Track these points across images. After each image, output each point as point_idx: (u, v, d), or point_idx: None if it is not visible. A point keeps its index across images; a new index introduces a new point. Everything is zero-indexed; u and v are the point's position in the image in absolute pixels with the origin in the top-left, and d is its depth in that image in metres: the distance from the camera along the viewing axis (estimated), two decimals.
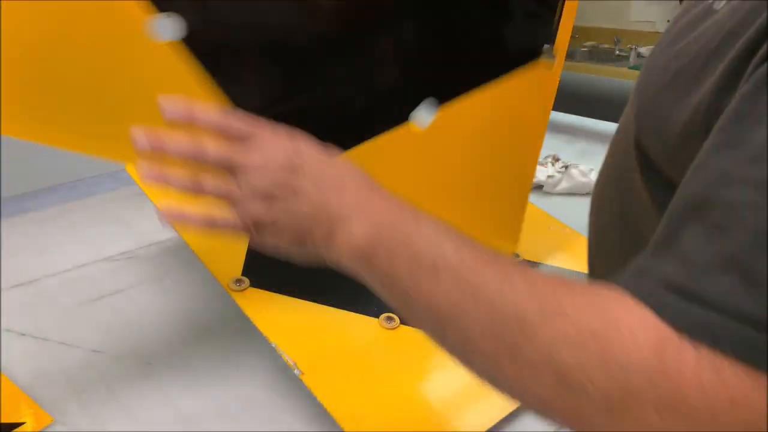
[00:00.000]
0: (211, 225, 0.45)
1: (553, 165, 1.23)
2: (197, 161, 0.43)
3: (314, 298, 0.76)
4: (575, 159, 1.30)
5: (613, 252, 0.46)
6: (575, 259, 0.88)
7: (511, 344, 0.30)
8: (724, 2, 0.36)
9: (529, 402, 0.31)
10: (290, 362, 0.67)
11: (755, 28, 0.30)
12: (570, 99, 1.49)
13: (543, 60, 0.73)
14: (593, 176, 1.19)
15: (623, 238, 0.44)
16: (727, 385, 0.26)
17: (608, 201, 0.46)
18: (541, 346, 0.29)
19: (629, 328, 0.27)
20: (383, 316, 0.74)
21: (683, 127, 0.33)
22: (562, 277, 0.32)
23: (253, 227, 0.43)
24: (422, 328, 0.36)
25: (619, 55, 3.16)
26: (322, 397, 0.64)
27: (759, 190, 0.27)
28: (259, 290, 0.76)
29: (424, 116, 0.67)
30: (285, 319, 0.72)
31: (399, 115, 0.67)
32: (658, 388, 0.26)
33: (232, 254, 0.80)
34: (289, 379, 0.71)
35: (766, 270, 0.26)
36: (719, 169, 0.29)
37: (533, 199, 1.11)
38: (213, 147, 0.43)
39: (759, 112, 0.28)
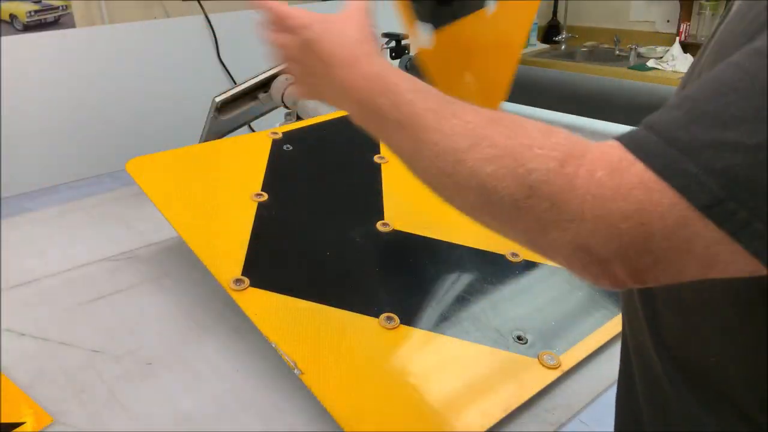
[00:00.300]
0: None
1: None
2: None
3: (314, 298, 0.76)
4: None
5: None
6: None
7: (449, 171, 0.39)
8: None
9: (465, 209, 0.41)
10: (290, 362, 0.67)
11: None
12: (570, 99, 1.49)
13: None
14: None
15: None
16: (615, 183, 0.32)
17: None
18: (469, 167, 0.37)
19: (540, 146, 0.35)
20: (383, 316, 0.74)
21: None
22: (494, 113, 0.39)
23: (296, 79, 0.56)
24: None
25: (619, 55, 3.17)
26: (322, 397, 0.64)
27: (752, 57, 0.31)
28: (259, 290, 0.76)
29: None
30: (285, 319, 0.72)
31: None
32: (552, 185, 0.33)
33: (232, 254, 0.80)
34: (289, 379, 0.71)
35: (711, 109, 0.30)
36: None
37: None
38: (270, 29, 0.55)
39: None
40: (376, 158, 1.05)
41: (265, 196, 0.92)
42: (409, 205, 0.96)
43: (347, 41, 0.50)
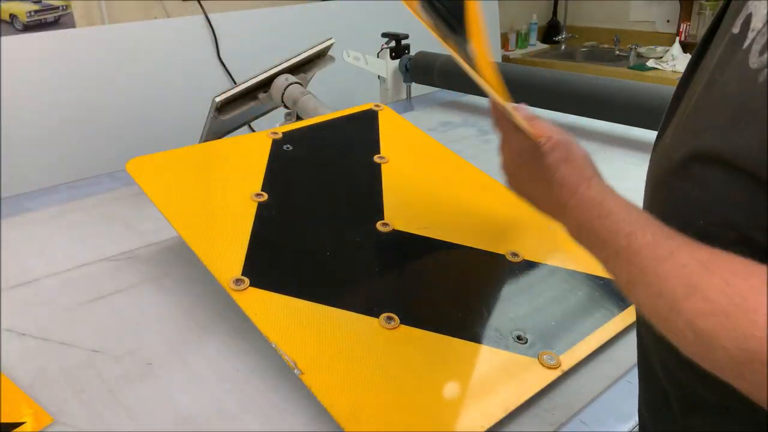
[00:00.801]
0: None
1: None
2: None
3: (314, 298, 0.76)
4: None
5: None
6: (575, 259, 0.88)
7: (664, 315, 0.39)
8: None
9: (681, 349, 0.39)
10: (290, 362, 0.67)
11: None
12: (570, 99, 1.49)
13: None
14: None
15: None
16: None
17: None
18: (684, 318, 0.37)
19: (753, 308, 0.34)
20: (383, 316, 0.74)
21: None
22: (710, 256, 0.38)
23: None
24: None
25: (619, 55, 3.17)
26: (322, 397, 0.64)
27: None
28: (259, 290, 0.76)
29: None
30: (285, 319, 0.72)
31: None
32: (763, 354, 0.33)
33: (232, 254, 0.80)
34: (289, 379, 0.71)
35: None
36: None
37: None
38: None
39: None
40: (376, 158, 1.05)
41: (265, 196, 0.92)
42: (409, 205, 0.96)
43: (576, 167, 0.54)
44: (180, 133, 1.54)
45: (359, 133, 1.12)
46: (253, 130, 1.58)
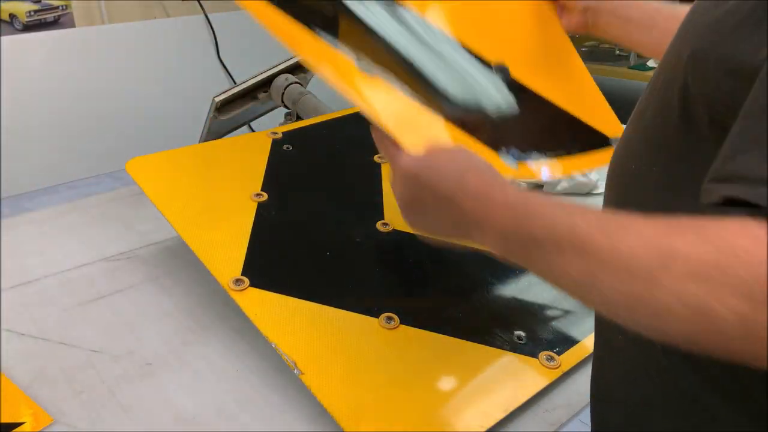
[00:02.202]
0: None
1: None
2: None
3: (314, 298, 0.76)
4: None
5: None
6: None
7: (642, 295, 0.34)
8: None
9: (671, 337, 0.35)
10: (290, 362, 0.67)
11: None
12: None
13: None
14: (593, 176, 1.19)
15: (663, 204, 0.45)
16: None
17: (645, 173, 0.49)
18: (669, 289, 0.33)
19: (745, 250, 0.31)
20: (383, 316, 0.74)
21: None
22: (666, 220, 0.35)
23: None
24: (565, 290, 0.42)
25: (619, 55, 3.16)
26: (322, 397, 0.64)
27: None
28: (259, 290, 0.76)
29: None
30: (285, 319, 0.72)
31: None
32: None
33: (232, 254, 0.80)
34: (289, 379, 0.71)
35: None
36: None
37: None
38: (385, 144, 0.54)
39: None
40: (376, 158, 1.05)
41: (265, 196, 0.92)
42: None
43: (483, 173, 0.47)
44: (180, 133, 1.54)
45: (359, 133, 1.12)
46: (253, 130, 1.58)
